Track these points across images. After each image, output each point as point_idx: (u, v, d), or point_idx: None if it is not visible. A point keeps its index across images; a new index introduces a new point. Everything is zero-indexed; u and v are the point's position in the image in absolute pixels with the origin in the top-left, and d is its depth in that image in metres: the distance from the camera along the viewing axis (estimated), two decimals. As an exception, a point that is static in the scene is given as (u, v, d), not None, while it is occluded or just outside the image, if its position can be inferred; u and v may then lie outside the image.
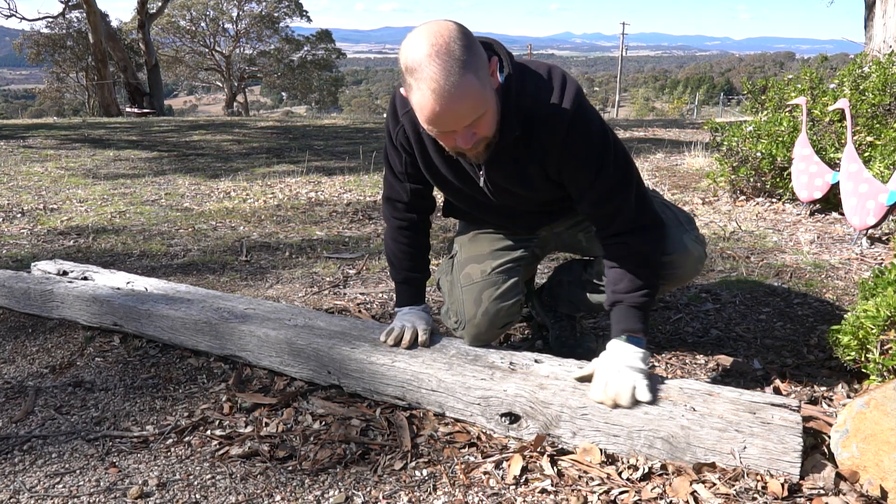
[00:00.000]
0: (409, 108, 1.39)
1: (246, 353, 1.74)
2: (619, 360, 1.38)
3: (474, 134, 1.28)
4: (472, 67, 1.20)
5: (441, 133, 1.28)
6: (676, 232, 1.51)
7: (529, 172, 1.44)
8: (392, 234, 1.66)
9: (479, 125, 1.27)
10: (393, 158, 1.56)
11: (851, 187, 2.80)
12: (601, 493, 1.23)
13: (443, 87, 1.17)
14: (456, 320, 1.66)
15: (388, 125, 1.51)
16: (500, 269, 1.62)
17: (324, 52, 30.60)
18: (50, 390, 1.71)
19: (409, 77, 1.21)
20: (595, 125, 1.38)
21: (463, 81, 1.18)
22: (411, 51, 1.19)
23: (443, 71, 1.17)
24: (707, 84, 62.90)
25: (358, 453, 1.40)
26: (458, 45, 1.18)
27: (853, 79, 3.62)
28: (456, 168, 1.48)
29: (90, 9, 16.63)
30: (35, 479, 1.34)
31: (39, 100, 28.79)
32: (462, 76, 1.18)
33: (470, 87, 1.19)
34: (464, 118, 1.23)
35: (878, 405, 1.23)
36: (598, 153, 1.38)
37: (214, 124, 10.68)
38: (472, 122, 1.25)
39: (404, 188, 1.59)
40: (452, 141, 1.30)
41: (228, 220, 3.62)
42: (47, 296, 2.10)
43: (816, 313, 2.12)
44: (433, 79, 1.17)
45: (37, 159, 6.15)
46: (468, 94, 1.20)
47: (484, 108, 1.25)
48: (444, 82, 1.17)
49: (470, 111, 1.23)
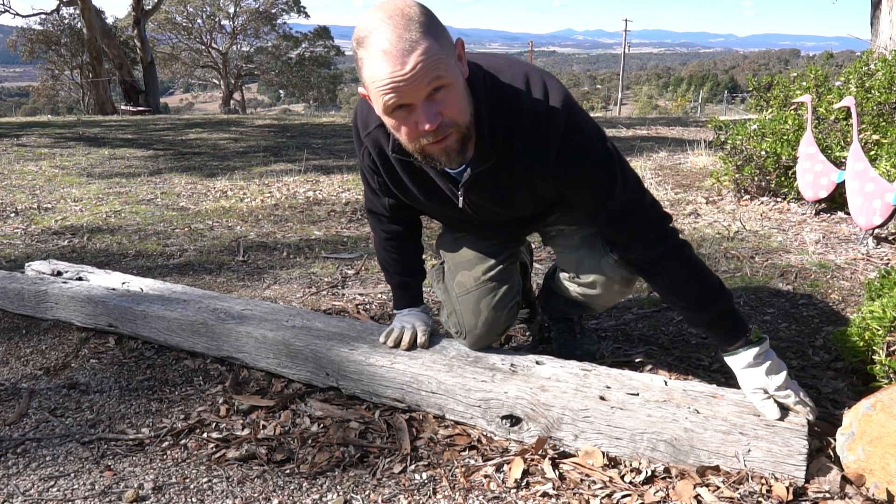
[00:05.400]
0: (370, 130, 1.31)
1: (243, 355, 1.72)
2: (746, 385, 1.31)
3: (438, 114, 1.09)
4: (431, 32, 1.05)
5: (399, 117, 1.10)
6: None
7: (514, 197, 1.33)
8: (381, 244, 1.60)
9: (445, 101, 1.09)
10: (367, 175, 1.46)
11: (857, 186, 2.78)
12: (603, 497, 1.22)
13: (394, 46, 1.02)
14: (457, 331, 1.62)
15: (355, 143, 1.40)
16: (492, 273, 1.56)
17: (322, 49, 30.54)
18: (44, 392, 1.69)
19: (359, 50, 1.06)
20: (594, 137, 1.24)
21: (421, 41, 1.03)
22: (362, 23, 1.06)
23: (395, 30, 1.02)
24: (711, 82, 62.88)
25: (357, 456, 1.38)
26: (415, 10, 1.05)
27: (859, 76, 3.60)
28: (430, 188, 1.36)
29: (85, 5, 16.56)
30: (29, 482, 1.32)
31: (33, 98, 28.67)
32: (420, 36, 1.03)
33: (429, 47, 1.04)
34: (421, 81, 1.05)
35: (884, 407, 1.21)
36: (601, 170, 1.25)
37: (211, 122, 10.64)
38: (434, 93, 1.07)
39: (383, 203, 1.51)
40: (413, 126, 1.10)
41: (225, 220, 3.59)
42: (41, 296, 2.07)
43: (822, 314, 2.10)
44: (384, 39, 1.03)
45: (31, 158, 6.11)
46: (426, 53, 1.03)
47: (447, 77, 1.07)
48: (397, 41, 1.02)
49: (429, 72, 1.04)
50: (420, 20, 1.05)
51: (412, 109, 1.09)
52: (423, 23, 1.05)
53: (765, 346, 1.32)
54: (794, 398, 1.28)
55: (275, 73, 30.17)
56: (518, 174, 1.27)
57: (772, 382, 1.28)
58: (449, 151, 1.16)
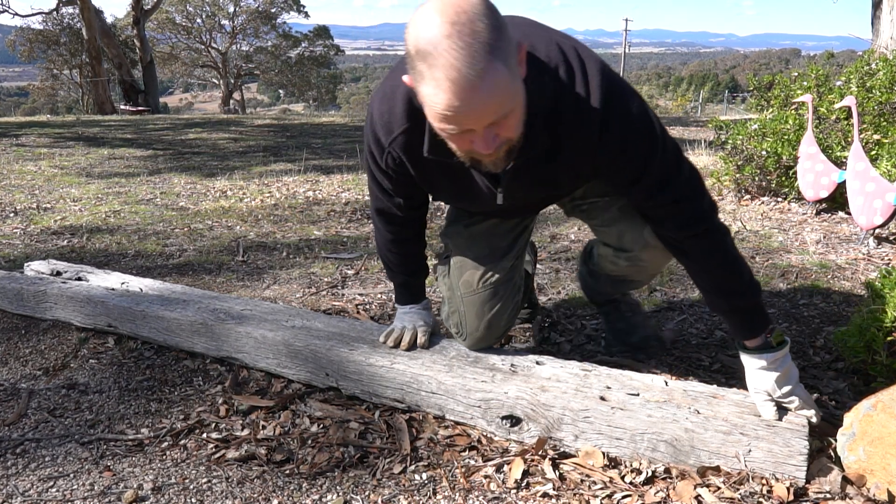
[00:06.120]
0: (395, 135, 1.25)
1: (243, 355, 1.72)
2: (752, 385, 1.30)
3: (496, 136, 1.06)
4: (500, 54, 0.97)
5: (456, 134, 1.05)
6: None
7: (554, 178, 1.30)
8: (385, 244, 1.55)
9: (504, 125, 1.05)
10: (379, 178, 1.39)
11: (858, 186, 2.78)
12: (604, 498, 1.22)
13: (465, 77, 0.95)
14: (457, 331, 1.61)
15: (371, 149, 1.33)
16: (499, 275, 1.55)
17: (322, 49, 30.51)
18: (43, 392, 1.68)
19: (419, 63, 0.98)
20: (634, 108, 1.19)
21: (490, 70, 0.95)
22: (423, 29, 0.96)
23: (465, 56, 0.94)
24: (711, 81, 62.72)
25: (356, 456, 1.38)
26: (483, 24, 0.95)
27: (860, 76, 3.59)
28: (466, 184, 1.31)
29: (84, 5, 16.55)
30: (28, 482, 1.32)
31: (33, 97, 28.64)
32: (489, 63, 0.95)
33: (497, 77, 0.97)
34: (487, 116, 1.01)
35: (885, 408, 1.21)
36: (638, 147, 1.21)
37: (211, 122, 10.64)
38: (495, 121, 1.03)
39: (394, 203, 1.44)
40: (468, 144, 1.07)
41: (225, 220, 3.59)
42: (41, 296, 2.07)
43: (822, 314, 2.10)
44: (452, 66, 0.94)
45: (30, 158, 6.10)
46: (495, 87, 0.97)
47: (512, 105, 1.02)
48: (467, 71, 0.94)
49: (496, 108, 1.00)
50: (487, 38, 0.95)
51: (471, 131, 1.05)
52: (491, 41, 0.95)
53: (782, 353, 1.29)
54: (797, 403, 1.27)
55: (274, 72, 30.16)
56: (560, 157, 1.24)
57: (779, 389, 1.27)
58: (497, 162, 1.14)
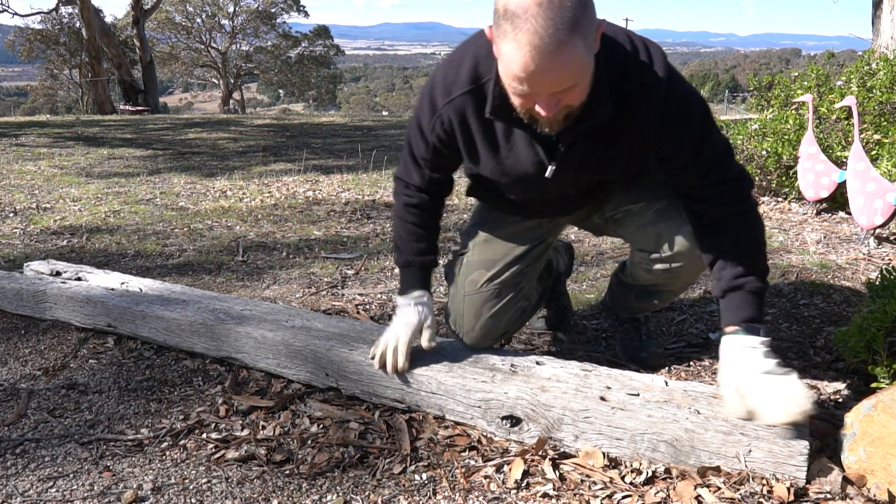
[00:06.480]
0: (454, 97, 1.30)
1: (242, 355, 1.72)
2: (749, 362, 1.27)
3: (559, 101, 1.13)
4: (581, 30, 1.04)
5: (522, 93, 1.12)
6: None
7: (613, 156, 1.34)
8: (400, 212, 1.52)
9: (569, 95, 1.12)
10: (418, 144, 1.43)
11: (858, 186, 2.78)
12: (604, 498, 1.22)
13: (545, 45, 1.02)
14: (455, 329, 1.61)
15: (421, 113, 1.38)
16: (505, 278, 1.55)
17: (322, 49, 30.53)
18: (43, 393, 1.68)
19: (505, 22, 1.04)
20: (690, 91, 1.29)
21: (569, 44, 1.03)
22: None
23: (550, 26, 1.01)
24: (712, 81, 62.68)
25: (356, 457, 1.37)
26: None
27: (860, 76, 3.59)
28: (516, 156, 1.34)
29: (84, 4, 16.55)
30: (28, 483, 1.32)
31: (32, 97, 28.64)
32: (570, 37, 1.03)
33: (574, 52, 1.04)
34: (555, 85, 1.08)
35: (885, 408, 1.21)
36: (699, 121, 1.29)
37: (210, 122, 10.64)
38: (562, 91, 1.10)
39: (422, 174, 1.47)
40: (531, 103, 1.14)
41: (225, 220, 3.59)
42: (40, 296, 2.07)
43: (823, 314, 2.10)
44: (536, 32, 1.01)
45: (29, 158, 6.10)
46: (570, 60, 1.05)
47: (581, 79, 1.11)
48: (549, 40, 1.02)
49: (565, 80, 1.08)
50: (574, 17, 1.02)
51: (536, 94, 1.11)
52: (576, 16, 1.03)
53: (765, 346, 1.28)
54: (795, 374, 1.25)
55: (274, 72, 30.18)
56: (623, 132, 1.29)
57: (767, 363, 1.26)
58: (553, 124, 1.20)
